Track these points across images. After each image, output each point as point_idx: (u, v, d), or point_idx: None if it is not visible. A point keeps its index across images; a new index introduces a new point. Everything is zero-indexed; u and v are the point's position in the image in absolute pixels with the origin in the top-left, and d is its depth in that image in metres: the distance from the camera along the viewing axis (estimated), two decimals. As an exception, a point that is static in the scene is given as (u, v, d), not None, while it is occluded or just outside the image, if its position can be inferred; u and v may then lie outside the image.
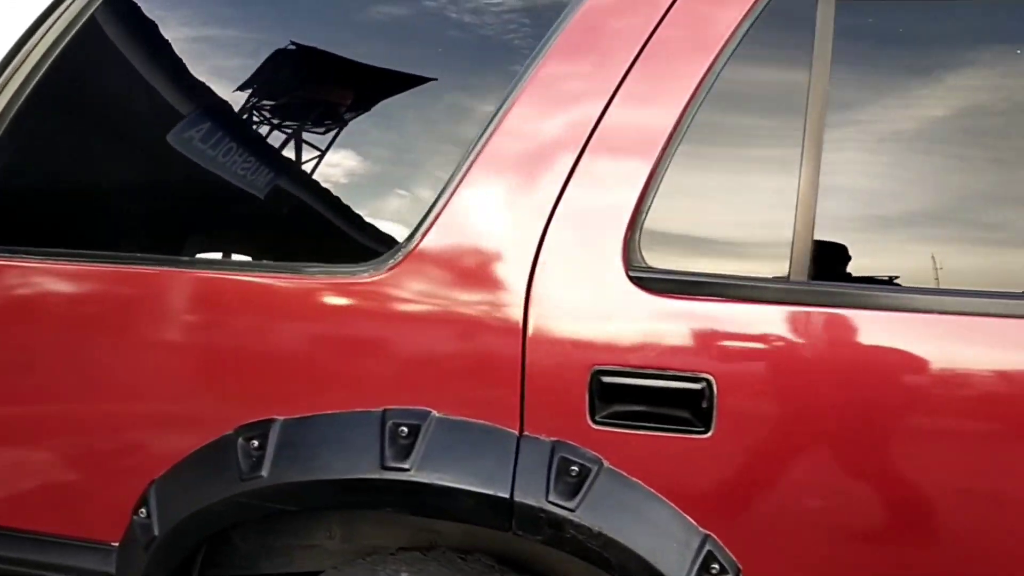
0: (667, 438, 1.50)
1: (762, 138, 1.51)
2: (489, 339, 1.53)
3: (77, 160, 1.73)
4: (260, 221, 1.66)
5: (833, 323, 1.46)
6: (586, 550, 1.49)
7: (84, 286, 1.68)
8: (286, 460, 1.57)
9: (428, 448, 1.52)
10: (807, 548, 1.50)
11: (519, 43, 1.58)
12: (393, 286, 1.54)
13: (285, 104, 1.66)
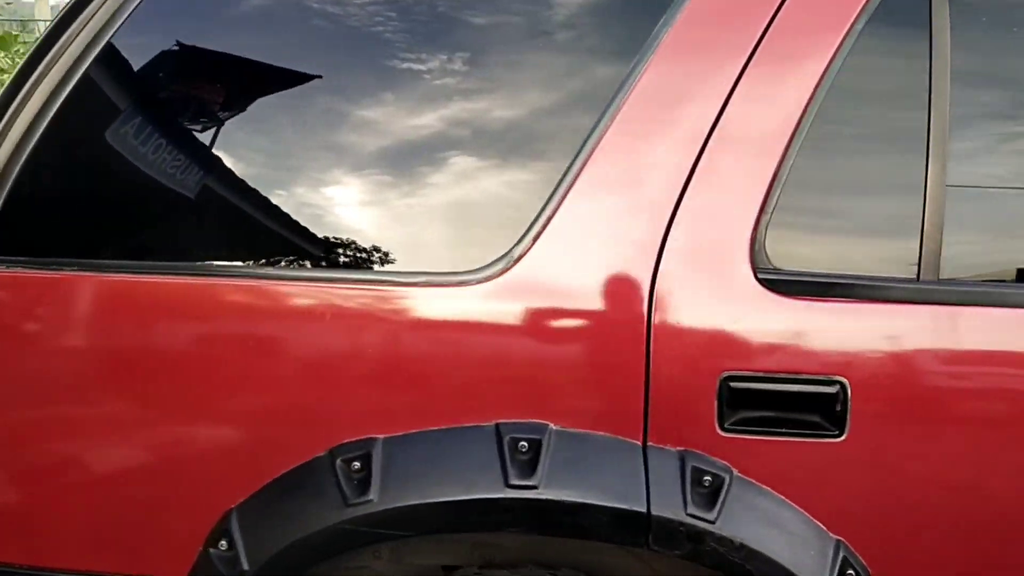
0: (798, 443, 1.46)
1: (886, 134, 1.51)
2: (610, 347, 1.46)
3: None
4: (361, 229, 1.56)
5: (965, 322, 1.45)
6: (727, 563, 1.43)
7: (150, 302, 1.54)
8: (396, 482, 1.46)
9: (552, 463, 1.44)
10: (938, 549, 1.48)
11: (620, 44, 1.54)
12: (504, 293, 1.46)
13: (387, 116, 1.57)
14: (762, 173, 1.46)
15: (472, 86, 1.55)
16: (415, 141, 1.54)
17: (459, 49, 1.56)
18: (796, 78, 1.48)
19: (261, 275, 1.51)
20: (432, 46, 1.56)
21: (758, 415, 1.46)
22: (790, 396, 1.45)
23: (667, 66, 1.50)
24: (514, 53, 1.56)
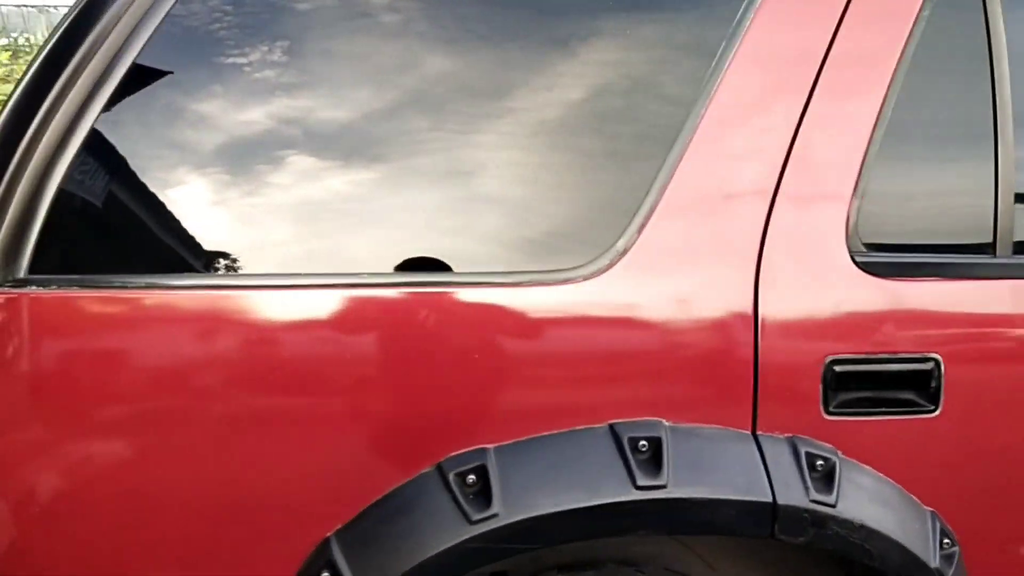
0: (895, 421, 1.50)
1: (957, 120, 1.56)
2: (718, 337, 1.45)
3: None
4: (467, 230, 1.47)
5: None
6: (848, 545, 1.45)
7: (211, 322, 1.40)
8: (518, 493, 1.39)
9: (675, 461, 1.41)
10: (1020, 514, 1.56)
11: (704, 40, 1.52)
12: (611, 288, 1.42)
13: (480, 110, 1.48)
14: (851, 159, 1.49)
15: (565, 82, 1.49)
16: (513, 141, 1.47)
17: (549, 47, 1.50)
18: (873, 70, 1.51)
19: (357, 283, 1.40)
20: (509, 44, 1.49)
21: (859, 396, 1.49)
22: (888, 375, 1.49)
23: (751, 63, 1.49)
24: (602, 49, 1.51)
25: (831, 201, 1.48)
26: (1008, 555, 1.59)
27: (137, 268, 1.37)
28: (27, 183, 1.33)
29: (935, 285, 1.51)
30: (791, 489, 1.43)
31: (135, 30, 1.37)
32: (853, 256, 1.48)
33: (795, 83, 1.49)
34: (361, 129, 1.44)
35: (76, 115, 1.35)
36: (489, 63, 1.49)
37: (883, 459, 1.50)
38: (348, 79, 1.45)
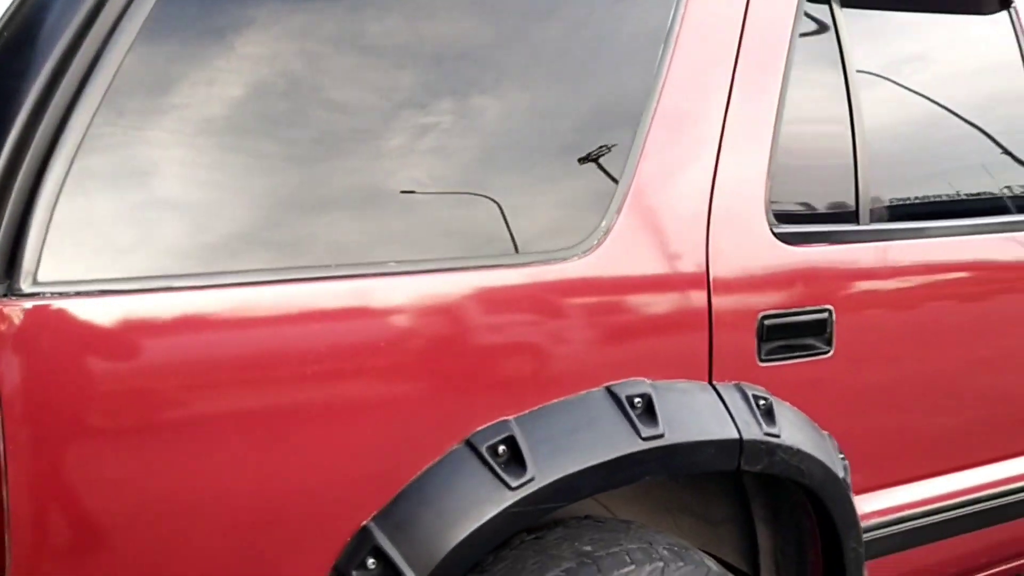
0: (802, 363, 1.81)
1: (824, 117, 1.90)
2: (683, 302, 1.67)
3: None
4: (468, 216, 1.54)
5: (903, 254, 1.92)
6: (789, 468, 1.73)
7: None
8: (547, 457, 1.51)
9: (663, 412, 1.60)
10: (896, 431, 1.95)
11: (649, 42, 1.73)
12: (601, 263, 1.59)
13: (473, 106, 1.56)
14: (763, 149, 1.77)
15: (542, 79, 1.62)
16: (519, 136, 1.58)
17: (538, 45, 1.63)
18: (768, 76, 1.81)
19: (368, 273, 1.43)
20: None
21: (780, 345, 1.78)
22: (798, 325, 1.79)
23: (683, 67, 1.71)
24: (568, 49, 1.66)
25: (752, 184, 1.75)
26: (884, 466, 1.97)
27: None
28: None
29: (824, 248, 1.84)
30: (750, 427, 1.69)
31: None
32: (771, 228, 1.77)
33: (717, 87, 1.74)
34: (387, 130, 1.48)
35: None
36: (477, 75, 1.58)
37: (794, 395, 1.80)
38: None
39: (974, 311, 2.06)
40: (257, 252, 1.37)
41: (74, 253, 1.26)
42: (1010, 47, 2.18)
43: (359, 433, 1.43)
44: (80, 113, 1.26)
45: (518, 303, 1.54)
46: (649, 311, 1.65)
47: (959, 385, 2.06)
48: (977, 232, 2.05)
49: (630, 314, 1.64)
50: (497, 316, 1.52)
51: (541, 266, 1.54)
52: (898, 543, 2.00)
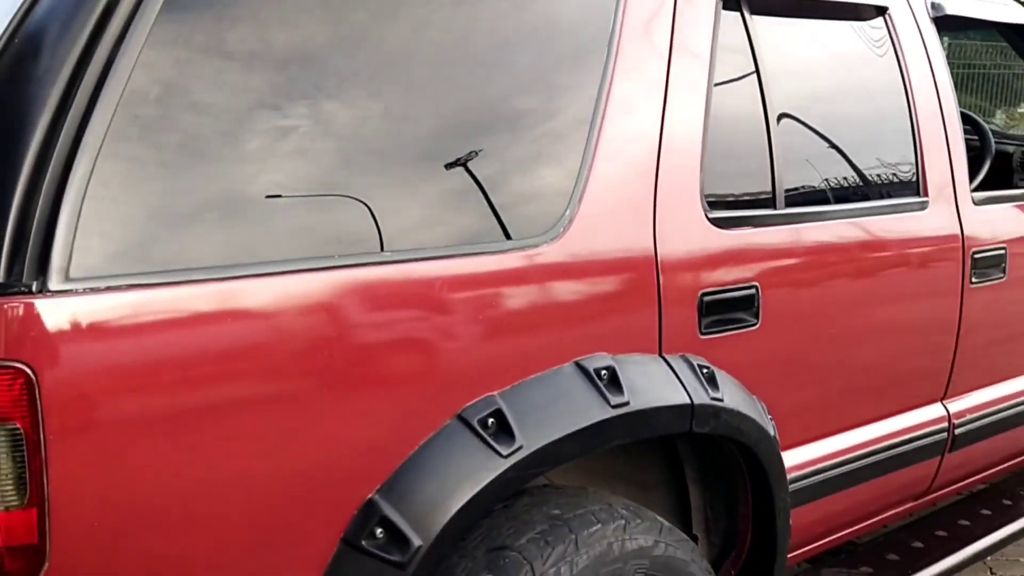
0: (734, 335, 2.01)
1: (744, 114, 2.11)
2: (638, 282, 1.84)
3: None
4: (449, 207, 1.65)
5: (813, 234, 2.15)
6: (730, 428, 1.92)
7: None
8: (532, 427, 1.64)
9: (626, 382, 1.77)
10: (812, 393, 2.18)
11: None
12: (568, 248, 1.74)
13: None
14: (695, 146, 1.96)
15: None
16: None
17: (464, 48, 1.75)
18: (696, 79, 1.99)
19: (373, 262, 1.54)
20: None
21: (716, 319, 1.97)
22: (731, 301, 1.99)
23: (626, 72, 1.88)
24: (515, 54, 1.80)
25: (689, 175, 1.94)
26: (802, 425, 2.20)
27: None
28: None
29: (749, 231, 2.04)
30: (698, 393, 1.87)
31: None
32: (706, 214, 1.95)
33: (654, 93, 1.91)
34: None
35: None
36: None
37: (728, 364, 2.00)
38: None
39: (869, 283, 2.32)
40: (270, 245, 1.45)
41: (101, 250, 1.31)
42: (887, 47, 2.45)
43: (361, 413, 1.53)
44: (98, 117, 1.31)
45: (497, 285, 1.67)
46: (608, 290, 1.81)
47: (861, 350, 2.31)
48: (871, 214, 2.31)
49: (593, 293, 1.79)
50: (478, 299, 1.64)
51: (518, 252, 1.68)
52: (815, 492, 2.23)
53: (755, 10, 2.14)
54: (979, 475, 2.90)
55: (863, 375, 2.35)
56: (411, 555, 1.54)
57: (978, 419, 2.65)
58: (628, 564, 1.80)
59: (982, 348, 2.62)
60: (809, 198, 2.24)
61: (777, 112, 2.13)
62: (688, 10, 2.00)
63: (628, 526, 1.83)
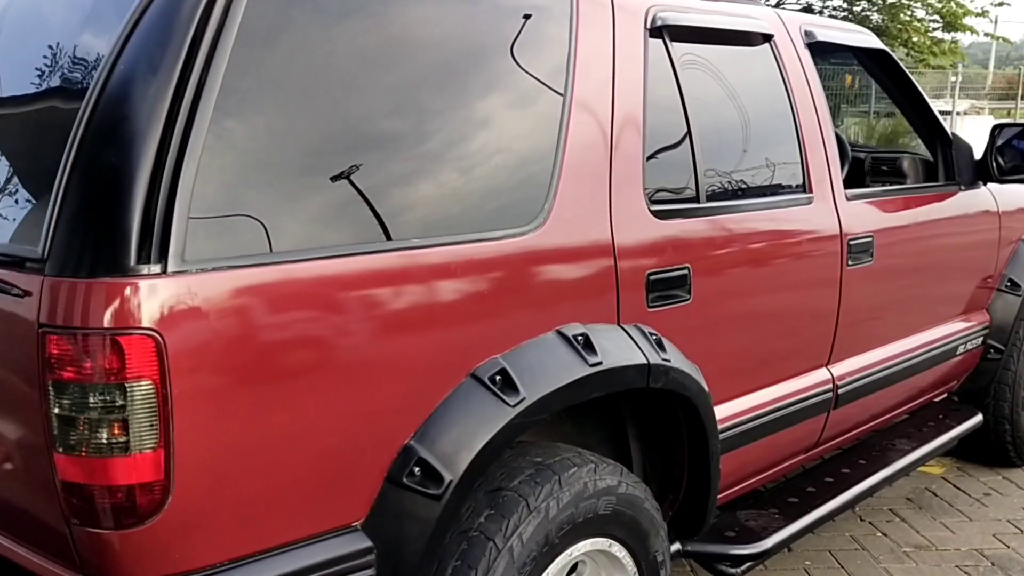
0: (672, 308, 2.41)
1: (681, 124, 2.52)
2: (601, 265, 2.22)
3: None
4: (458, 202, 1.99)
5: (729, 223, 2.58)
6: (677, 384, 2.32)
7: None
8: (531, 382, 1.99)
9: (598, 345, 2.14)
10: (730, 356, 2.61)
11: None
12: (548, 236, 2.10)
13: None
14: (636, 150, 2.36)
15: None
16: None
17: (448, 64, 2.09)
18: (634, 96, 2.39)
19: (405, 247, 1.86)
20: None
21: (658, 295, 2.37)
22: (669, 280, 2.39)
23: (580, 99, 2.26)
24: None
25: (634, 175, 2.33)
26: (725, 384, 2.61)
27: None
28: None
29: (681, 221, 2.45)
30: (652, 355, 2.26)
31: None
32: (649, 207, 2.35)
33: (603, 108, 2.30)
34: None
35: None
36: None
37: (669, 333, 2.40)
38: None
39: (770, 265, 2.78)
40: (348, 229, 1.75)
41: (206, 238, 1.59)
42: (774, 68, 2.92)
43: (400, 376, 1.85)
44: (195, 133, 1.59)
45: (498, 266, 2.01)
46: (579, 271, 2.19)
47: (767, 321, 2.76)
48: (771, 207, 2.77)
49: (567, 275, 2.16)
50: (487, 275, 1.99)
51: (505, 239, 2.03)
52: (734, 443, 2.66)
53: (675, 38, 2.56)
54: (855, 431, 3.41)
55: (768, 342, 2.80)
56: (444, 488, 1.86)
57: (855, 380, 3.15)
58: (600, 500, 2.17)
59: (857, 320, 3.12)
60: (723, 194, 2.68)
61: (695, 123, 2.55)
62: (624, 42, 2.40)
63: (597, 469, 2.20)
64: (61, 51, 1.81)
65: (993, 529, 3.78)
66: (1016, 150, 3.63)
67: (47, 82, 1.81)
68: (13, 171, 1.78)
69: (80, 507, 1.55)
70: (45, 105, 1.80)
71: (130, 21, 1.63)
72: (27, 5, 2.09)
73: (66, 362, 1.50)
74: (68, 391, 1.51)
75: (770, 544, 2.78)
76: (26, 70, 1.88)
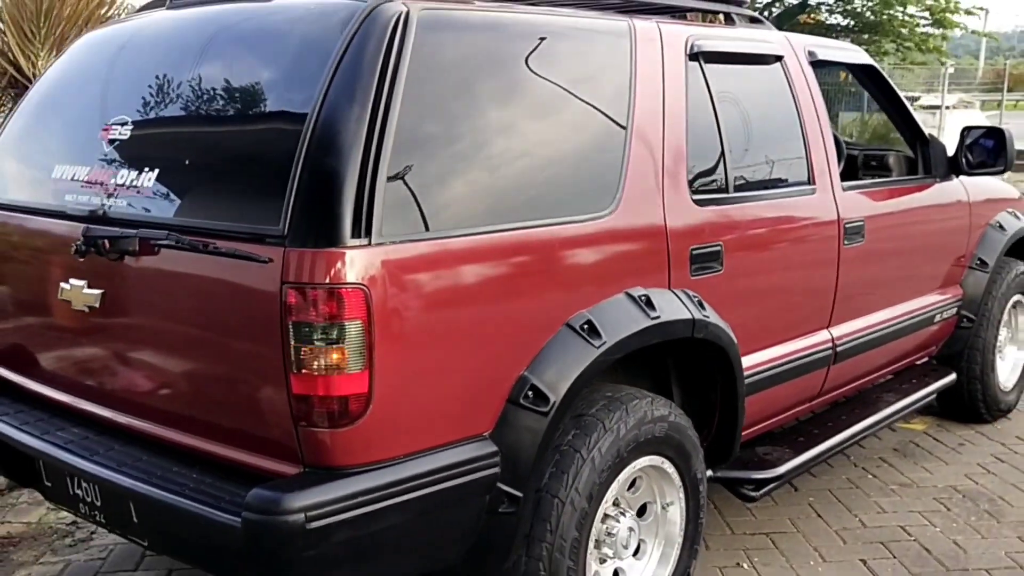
0: (709, 277, 3.04)
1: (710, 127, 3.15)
2: (656, 242, 2.84)
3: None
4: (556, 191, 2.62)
5: (746, 211, 3.21)
6: (715, 336, 2.95)
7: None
8: (610, 330, 2.62)
9: (656, 305, 2.77)
10: (753, 316, 3.24)
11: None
12: (616, 221, 2.72)
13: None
14: (681, 151, 2.98)
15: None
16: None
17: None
18: (677, 104, 3.02)
19: (522, 227, 2.49)
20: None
21: (699, 267, 3.00)
22: (707, 254, 3.02)
23: (640, 108, 2.88)
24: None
25: (679, 171, 2.96)
26: (750, 339, 3.23)
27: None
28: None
29: (715, 208, 3.08)
30: (695, 312, 2.89)
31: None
32: (691, 197, 2.98)
33: (655, 116, 2.92)
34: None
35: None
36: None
37: (707, 296, 3.02)
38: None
39: (785, 243, 3.42)
40: (483, 214, 2.39)
41: (396, 219, 2.21)
42: (784, 83, 3.56)
43: (520, 324, 2.48)
44: (386, 148, 2.21)
45: (586, 242, 2.64)
46: (641, 248, 2.81)
47: (782, 289, 3.40)
48: (784, 196, 3.41)
49: (633, 250, 2.79)
50: (578, 249, 2.62)
51: (589, 221, 2.65)
52: (755, 387, 3.29)
53: (708, 60, 3.19)
54: (850, 384, 4.05)
55: (782, 306, 3.44)
56: (550, 407, 2.49)
57: (851, 340, 3.79)
58: (656, 425, 2.80)
59: (851, 290, 3.76)
60: (746, 186, 3.31)
61: (724, 128, 3.18)
62: (670, 65, 3.03)
63: (653, 402, 2.83)
64: (273, 84, 2.43)
65: (965, 471, 4.44)
66: (982, 147, 4.29)
67: (267, 107, 2.44)
68: (247, 173, 2.40)
69: (307, 413, 2.17)
70: (270, 126, 2.41)
71: (332, 66, 2.25)
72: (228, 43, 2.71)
73: (302, 308, 2.12)
74: (303, 329, 2.12)
75: (783, 470, 3.42)
76: (243, 98, 2.50)
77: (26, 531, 3.79)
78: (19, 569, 3.50)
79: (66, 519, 3.85)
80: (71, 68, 3.13)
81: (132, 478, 2.37)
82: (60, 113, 3.05)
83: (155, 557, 3.55)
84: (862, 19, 21.32)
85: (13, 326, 3.00)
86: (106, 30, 3.21)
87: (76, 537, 3.75)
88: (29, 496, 4.05)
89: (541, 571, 2.57)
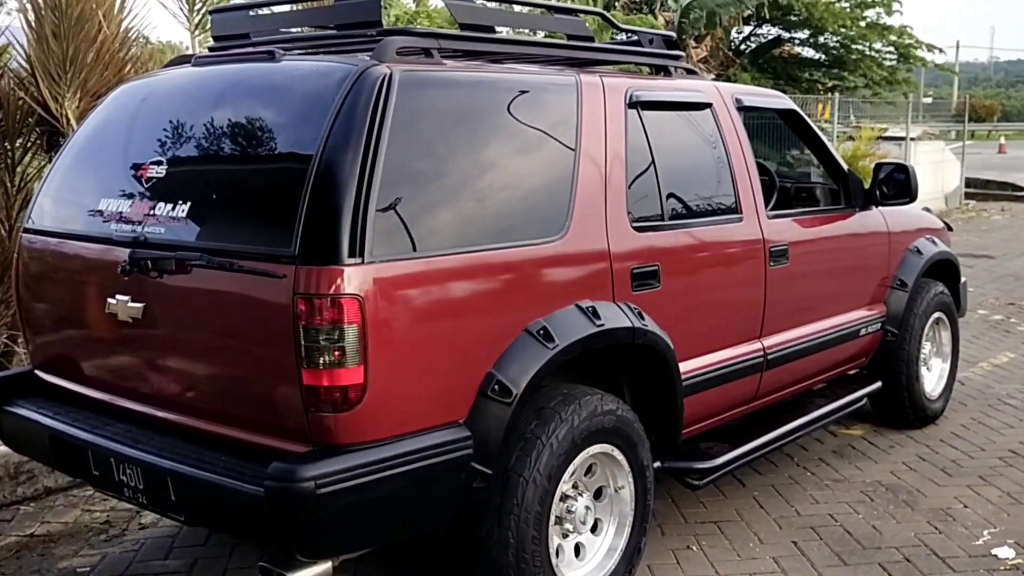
0: (648, 293, 3.58)
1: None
2: (601, 262, 3.38)
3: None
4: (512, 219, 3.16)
5: (687, 235, 3.77)
6: (654, 342, 3.48)
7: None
8: (563, 335, 3.15)
9: (602, 315, 3.30)
10: (688, 328, 3.77)
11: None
12: (566, 245, 3.27)
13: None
14: (621, 185, 3.54)
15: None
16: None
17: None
18: (616, 144, 3.58)
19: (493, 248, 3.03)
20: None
21: (639, 283, 3.54)
22: (645, 272, 3.56)
23: (585, 150, 3.45)
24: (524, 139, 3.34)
25: (620, 200, 3.51)
26: (683, 348, 3.77)
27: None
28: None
29: (653, 233, 3.63)
30: (635, 321, 3.43)
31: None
32: (631, 224, 3.53)
33: (599, 155, 3.48)
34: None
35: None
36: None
37: (646, 308, 3.56)
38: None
39: (715, 265, 3.97)
40: (457, 237, 2.93)
41: (383, 242, 2.74)
42: (714, 128, 4.14)
43: (490, 329, 3.01)
44: (375, 182, 2.74)
45: (542, 263, 3.18)
46: (588, 268, 3.36)
47: (714, 304, 3.95)
48: (713, 224, 3.97)
49: (581, 269, 3.33)
50: (535, 268, 3.16)
51: (543, 244, 3.19)
52: (692, 390, 3.81)
53: (645, 108, 3.77)
54: (785, 390, 4.59)
55: (715, 318, 3.98)
56: (513, 398, 3.00)
57: (781, 350, 4.33)
58: (605, 417, 3.33)
59: (779, 306, 4.31)
60: (680, 215, 3.86)
61: (660, 165, 3.75)
62: (611, 113, 3.60)
63: (603, 398, 3.36)
64: (283, 131, 2.98)
65: (891, 468, 4.98)
66: (895, 181, 4.89)
67: (279, 149, 2.99)
68: (264, 204, 2.93)
69: (315, 401, 2.68)
70: (281, 165, 2.94)
71: (331, 116, 2.79)
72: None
73: (311, 314, 2.63)
74: (311, 331, 2.64)
75: (721, 461, 3.95)
76: (258, 142, 3.04)
77: (64, 530, 4.24)
78: (60, 561, 3.95)
79: (100, 518, 4.33)
80: (111, 114, 3.66)
81: (170, 460, 2.87)
82: (103, 153, 3.58)
83: (183, 547, 4.04)
84: (831, 54, 22.27)
85: (62, 337, 3.51)
86: (140, 82, 3.78)
87: (110, 533, 4.22)
88: (64, 499, 4.52)
89: (510, 539, 3.07)
